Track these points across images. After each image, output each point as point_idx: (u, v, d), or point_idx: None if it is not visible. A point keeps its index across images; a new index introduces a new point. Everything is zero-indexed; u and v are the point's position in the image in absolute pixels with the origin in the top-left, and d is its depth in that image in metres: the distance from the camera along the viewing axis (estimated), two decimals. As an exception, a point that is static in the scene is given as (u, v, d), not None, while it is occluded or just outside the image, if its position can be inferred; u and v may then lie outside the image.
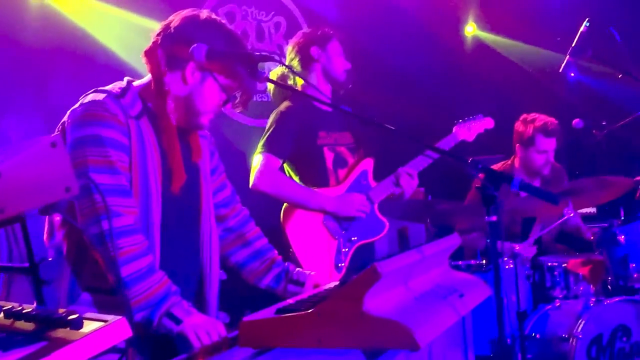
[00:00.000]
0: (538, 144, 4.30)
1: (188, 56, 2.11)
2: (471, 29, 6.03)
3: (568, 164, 5.97)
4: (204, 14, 2.24)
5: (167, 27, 2.22)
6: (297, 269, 2.50)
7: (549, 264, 4.10)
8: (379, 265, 1.78)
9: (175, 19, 2.22)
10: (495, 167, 4.46)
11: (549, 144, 4.32)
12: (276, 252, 2.56)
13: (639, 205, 4.04)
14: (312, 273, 2.46)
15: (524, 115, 4.44)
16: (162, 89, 2.20)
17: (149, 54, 2.22)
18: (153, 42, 2.22)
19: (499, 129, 4.70)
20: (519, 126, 4.43)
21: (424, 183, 4.53)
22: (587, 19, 3.74)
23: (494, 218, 2.09)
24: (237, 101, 2.24)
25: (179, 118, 2.22)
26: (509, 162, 4.51)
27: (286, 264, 2.52)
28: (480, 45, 5.78)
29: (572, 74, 5.59)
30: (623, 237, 3.90)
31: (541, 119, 4.35)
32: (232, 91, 2.22)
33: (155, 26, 2.25)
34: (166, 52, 2.18)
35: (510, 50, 5.81)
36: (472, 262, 3.99)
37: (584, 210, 5.10)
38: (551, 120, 4.35)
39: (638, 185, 4.09)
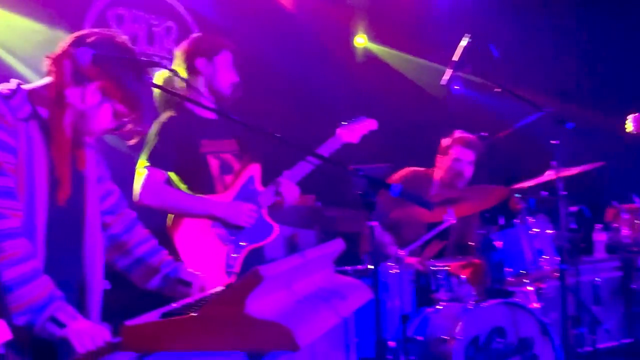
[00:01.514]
0: (453, 152, 4.59)
1: (93, 75, 2.11)
2: (362, 40, 6.18)
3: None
4: (121, 38, 2.24)
5: (79, 39, 2.20)
6: (188, 269, 2.51)
7: (433, 267, 4.27)
8: (261, 268, 1.82)
9: (90, 33, 2.22)
10: (414, 169, 4.75)
11: (464, 154, 4.59)
12: (166, 252, 2.55)
13: (513, 213, 4.25)
14: (200, 274, 2.47)
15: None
16: (62, 100, 2.18)
17: (56, 61, 2.19)
18: (62, 50, 2.20)
19: (385, 139, 4.86)
20: (443, 140, 4.75)
21: (315, 189, 4.62)
22: (467, 35, 3.91)
23: (375, 223, 2.17)
24: (128, 130, 2.25)
25: (69, 130, 2.21)
26: (429, 170, 4.76)
27: (176, 264, 2.53)
28: (370, 56, 5.94)
29: (457, 87, 5.83)
30: (500, 243, 4.12)
31: (463, 134, 4.68)
32: (124, 119, 2.23)
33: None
34: (73, 64, 2.16)
35: (399, 63, 5.99)
36: (359, 267, 4.09)
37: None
38: (472, 136, 4.66)
39: (513, 194, 4.32)
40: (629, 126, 4.69)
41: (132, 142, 2.35)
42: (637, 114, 4.69)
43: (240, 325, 1.79)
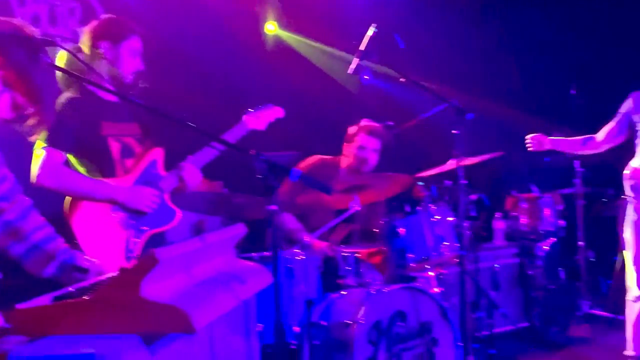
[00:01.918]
0: (358, 139, 4.71)
1: None
2: (272, 27, 6.17)
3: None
4: (18, 20, 2.18)
5: None
6: (85, 256, 2.47)
7: (343, 253, 4.34)
8: (157, 251, 1.81)
9: None
10: (322, 157, 4.84)
11: (369, 142, 4.72)
12: (62, 240, 2.51)
13: (416, 201, 4.36)
14: (97, 261, 2.44)
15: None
16: None
17: None
18: None
19: (295, 127, 4.90)
20: (349, 128, 4.85)
21: (223, 176, 4.61)
22: (374, 24, 3.97)
23: (275, 207, 2.19)
24: (28, 125, 2.18)
25: None
26: (336, 158, 4.85)
27: (72, 251, 2.48)
28: (281, 44, 5.94)
29: (367, 77, 5.91)
30: (403, 230, 4.22)
31: (369, 122, 4.80)
32: (24, 112, 2.16)
33: None
34: None
35: (309, 51, 6.02)
36: (265, 253, 4.11)
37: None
38: (377, 124, 4.79)
39: (416, 182, 4.43)
40: (529, 145, 4.93)
41: (33, 138, 2.28)
42: (535, 135, 4.90)
43: (134, 308, 1.78)
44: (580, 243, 6.15)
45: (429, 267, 4.39)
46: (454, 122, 4.04)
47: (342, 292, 4.14)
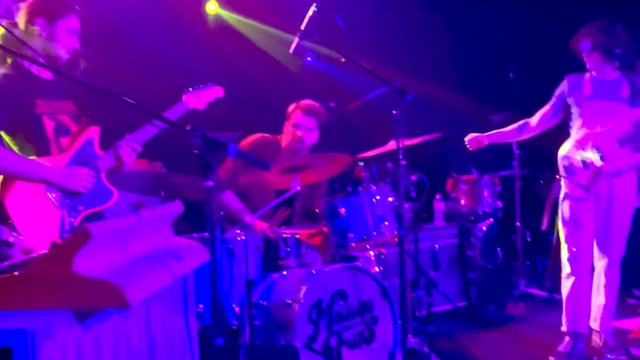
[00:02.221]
0: (294, 117, 4.74)
1: None
2: (213, 7, 6.10)
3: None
4: None
5: None
6: (12, 232, 2.42)
7: (284, 234, 4.35)
8: (90, 226, 1.79)
9: None
10: (263, 135, 4.88)
11: (304, 121, 4.75)
12: None
13: (357, 181, 4.39)
14: (23, 238, 2.39)
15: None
16: None
17: None
18: None
19: (235, 107, 4.87)
20: (289, 107, 4.88)
21: (162, 157, 4.55)
22: (314, 4, 3.97)
23: (211, 183, 2.18)
24: None
25: None
26: (278, 136, 4.87)
27: None
28: (222, 23, 5.88)
29: (309, 58, 5.91)
30: (344, 210, 4.24)
31: (307, 101, 4.83)
32: None
33: None
34: None
35: (250, 31, 5.98)
36: (205, 234, 4.09)
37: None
38: (314, 103, 4.82)
39: (357, 162, 4.46)
40: (469, 147, 5.02)
41: None
42: (472, 136, 4.98)
43: (66, 284, 1.76)
44: (517, 224, 6.31)
45: (369, 247, 4.43)
46: (394, 103, 4.07)
47: (283, 272, 4.15)
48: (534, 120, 4.77)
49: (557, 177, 4.66)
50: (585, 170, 4.41)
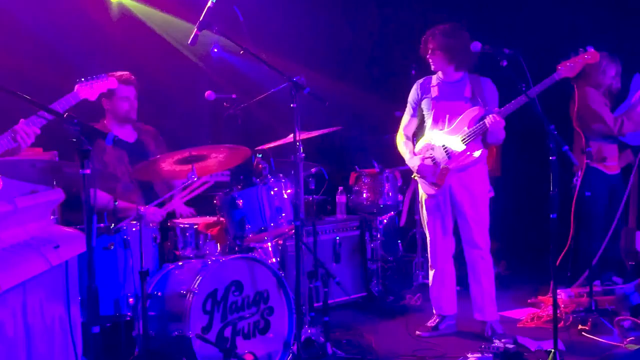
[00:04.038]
0: (119, 91, 4.63)
1: None
2: (116, -5, 6.00)
3: (202, 133, 6.34)
4: None
5: None
6: None
7: (182, 225, 4.35)
8: (-44, 212, 1.76)
9: None
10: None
11: (129, 92, 4.75)
12: None
13: (255, 172, 4.43)
14: None
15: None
16: None
17: None
18: None
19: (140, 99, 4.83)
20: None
21: (58, 146, 4.46)
22: (214, -5, 3.97)
23: (87, 171, 2.18)
24: None
25: None
26: (100, 123, 4.78)
27: None
28: (125, 12, 5.78)
29: (215, 50, 5.90)
30: (241, 201, 4.27)
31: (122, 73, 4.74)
32: None
33: None
34: None
35: (155, 20, 5.91)
36: (101, 225, 4.04)
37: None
38: (128, 73, 4.76)
39: (255, 154, 4.49)
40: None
41: None
42: None
43: None
44: (417, 217, 6.47)
45: (267, 238, 4.47)
46: (292, 97, 4.13)
47: (179, 263, 4.16)
48: (408, 134, 5.04)
49: (412, 177, 4.98)
50: (436, 168, 4.72)
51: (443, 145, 4.71)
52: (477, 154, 4.67)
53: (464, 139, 4.64)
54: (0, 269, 1.80)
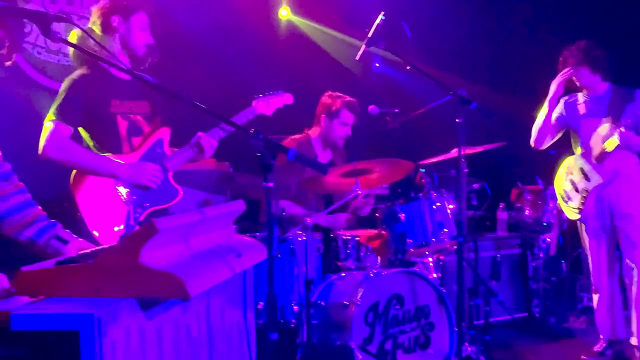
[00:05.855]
0: (342, 116, 4.79)
1: None
2: (285, 13, 6.23)
3: (363, 146, 6.40)
4: None
5: None
6: (65, 229, 2.59)
7: (344, 237, 4.43)
8: (157, 221, 1.90)
9: None
10: (293, 138, 4.86)
11: (351, 119, 4.84)
12: (40, 208, 2.64)
13: (416, 187, 4.44)
14: (79, 239, 2.55)
15: (329, 92, 4.95)
16: None
17: None
18: None
19: (302, 111, 4.97)
20: (326, 100, 4.91)
21: (230, 157, 4.69)
22: (382, 12, 4.03)
23: (271, 184, 2.28)
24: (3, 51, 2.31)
25: None
26: (304, 134, 4.88)
27: (52, 220, 2.61)
28: (293, 29, 5.99)
29: (377, 65, 5.99)
30: (403, 215, 4.29)
31: (346, 97, 4.90)
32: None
33: None
34: None
35: (321, 37, 6.08)
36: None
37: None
38: (354, 99, 4.90)
39: (418, 169, 4.50)
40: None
41: (9, 63, 2.42)
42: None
43: (133, 274, 1.87)
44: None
45: (427, 253, 4.46)
46: (458, 111, 4.09)
47: (342, 274, 4.23)
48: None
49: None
50: (576, 193, 4.57)
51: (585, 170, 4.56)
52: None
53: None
54: (191, 275, 1.91)
